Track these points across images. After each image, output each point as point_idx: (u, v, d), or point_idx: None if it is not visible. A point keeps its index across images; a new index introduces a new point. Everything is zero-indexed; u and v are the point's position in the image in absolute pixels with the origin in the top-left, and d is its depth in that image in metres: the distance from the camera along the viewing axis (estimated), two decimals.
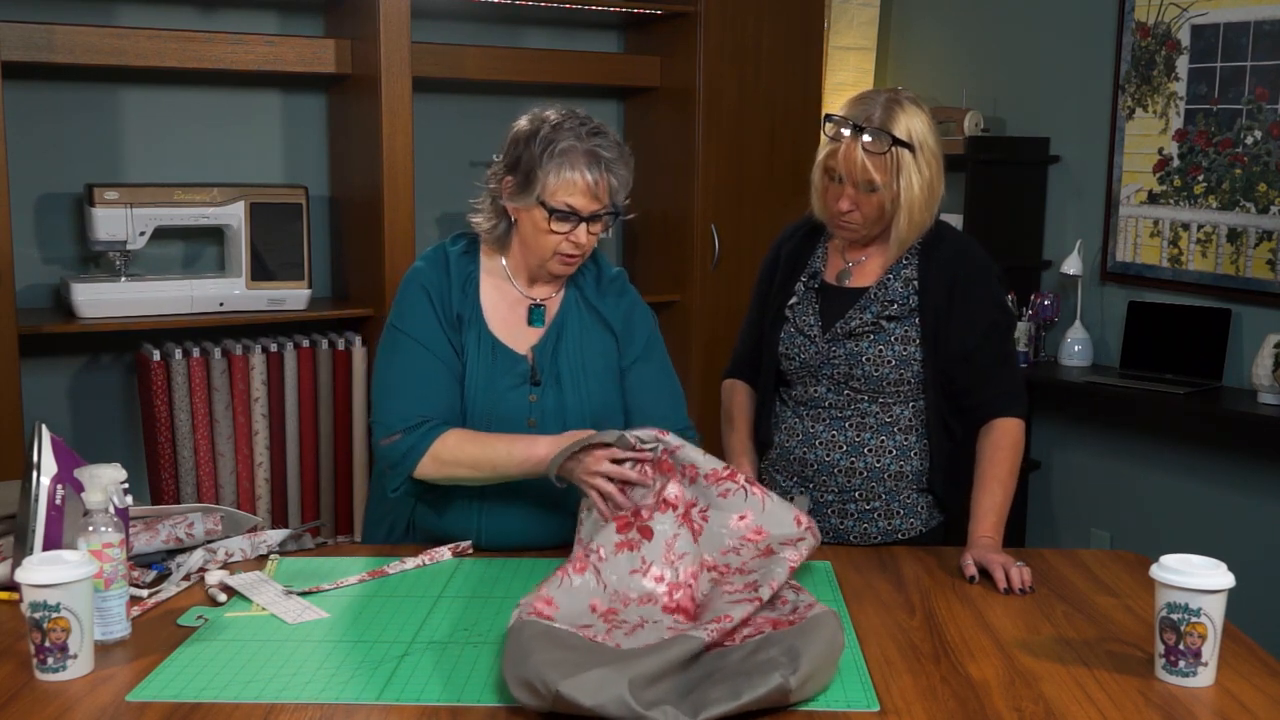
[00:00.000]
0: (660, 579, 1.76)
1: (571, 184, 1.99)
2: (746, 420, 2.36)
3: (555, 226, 2.01)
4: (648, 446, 1.86)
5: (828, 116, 2.15)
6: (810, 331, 2.23)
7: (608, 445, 1.87)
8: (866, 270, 2.24)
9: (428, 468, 2.00)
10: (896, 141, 2.09)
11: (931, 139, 2.14)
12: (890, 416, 2.21)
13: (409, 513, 2.15)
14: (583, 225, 2.02)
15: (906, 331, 2.17)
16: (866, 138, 2.08)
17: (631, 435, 1.88)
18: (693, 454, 1.87)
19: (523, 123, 2.06)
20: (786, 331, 2.27)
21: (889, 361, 2.17)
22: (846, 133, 2.10)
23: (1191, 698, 1.55)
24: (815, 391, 2.24)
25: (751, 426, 2.35)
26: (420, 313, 2.07)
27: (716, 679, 1.50)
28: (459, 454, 1.99)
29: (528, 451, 1.95)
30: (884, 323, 2.18)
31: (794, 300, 2.27)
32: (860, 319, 2.19)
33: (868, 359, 2.18)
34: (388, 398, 2.05)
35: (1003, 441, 2.16)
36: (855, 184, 2.12)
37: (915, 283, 2.19)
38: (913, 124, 2.11)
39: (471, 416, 2.07)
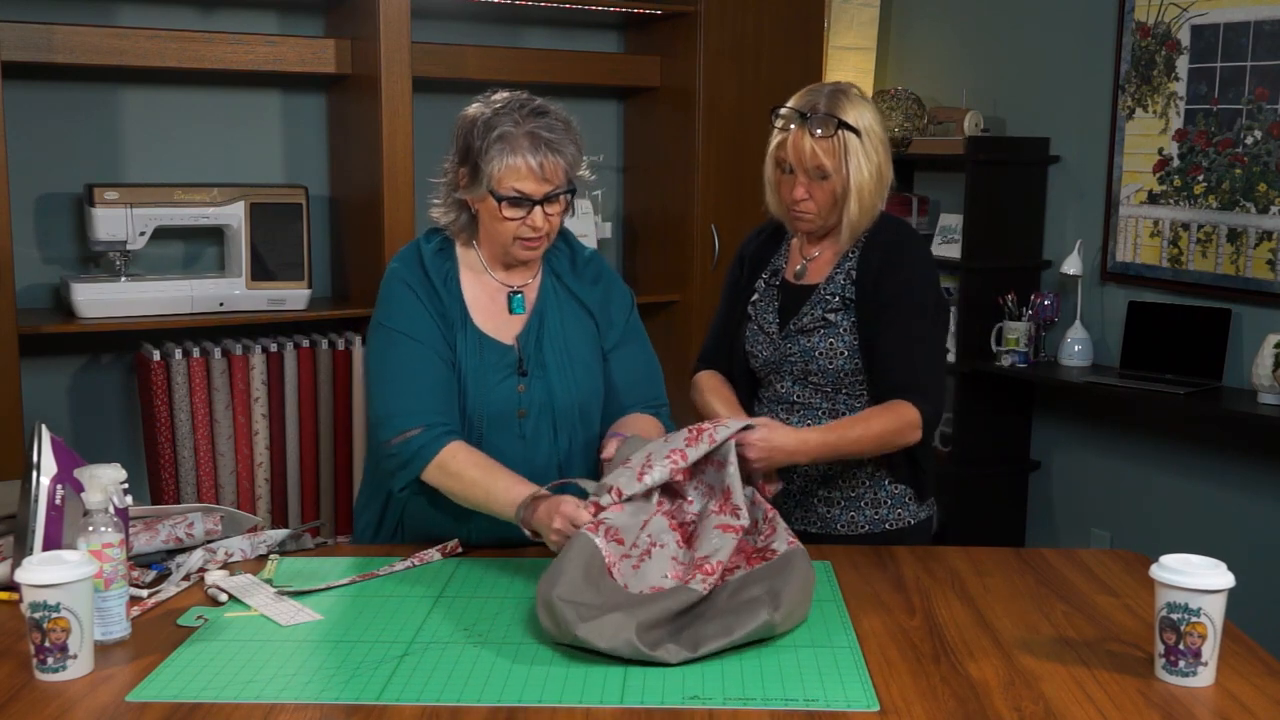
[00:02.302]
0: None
1: (516, 170, 1.99)
2: (731, 391, 2.32)
3: (508, 213, 2.02)
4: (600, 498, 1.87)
5: (774, 110, 2.19)
6: (770, 329, 2.27)
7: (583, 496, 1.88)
8: (821, 265, 2.27)
9: (433, 474, 2.00)
10: (842, 125, 2.12)
11: (878, 127, 2.18)
12: (861, 404, 2.23)
13: (400, 508, 2.15)
14: (538, 208, 2.02)
15: (853, 322, 2.20)
16: (814, 126, 2.12)
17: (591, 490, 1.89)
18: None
19: (469, 110, 2.07)
20: (750, 330, 2.30)
21: (841, 353, 2.20)
22: (793, 124, 2.14)
23: (1191, 698, 1.55)
24: (782, 388, 2.27)
25: (727, 392, 2.32)
26: (408, 308, 2.07)
27: (709, 617, 1.68)
28: (463, 469, 1.98)
29: (518, 500, 1.91)
30: (830, 316, 2.20)
31: (756, 297, 2.31)
32: (811, 315, 2.22)
33: (820, 353, 2.20)
34: (392, 396, 2.04)
35: (889, 407, 2.13)
36: (806, 171, 2.15)
37: (853, 272, 2.21)
38: (858, 111, 2.15)
39: (463, 411, 2.07)
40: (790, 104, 2.18)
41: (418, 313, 2.07)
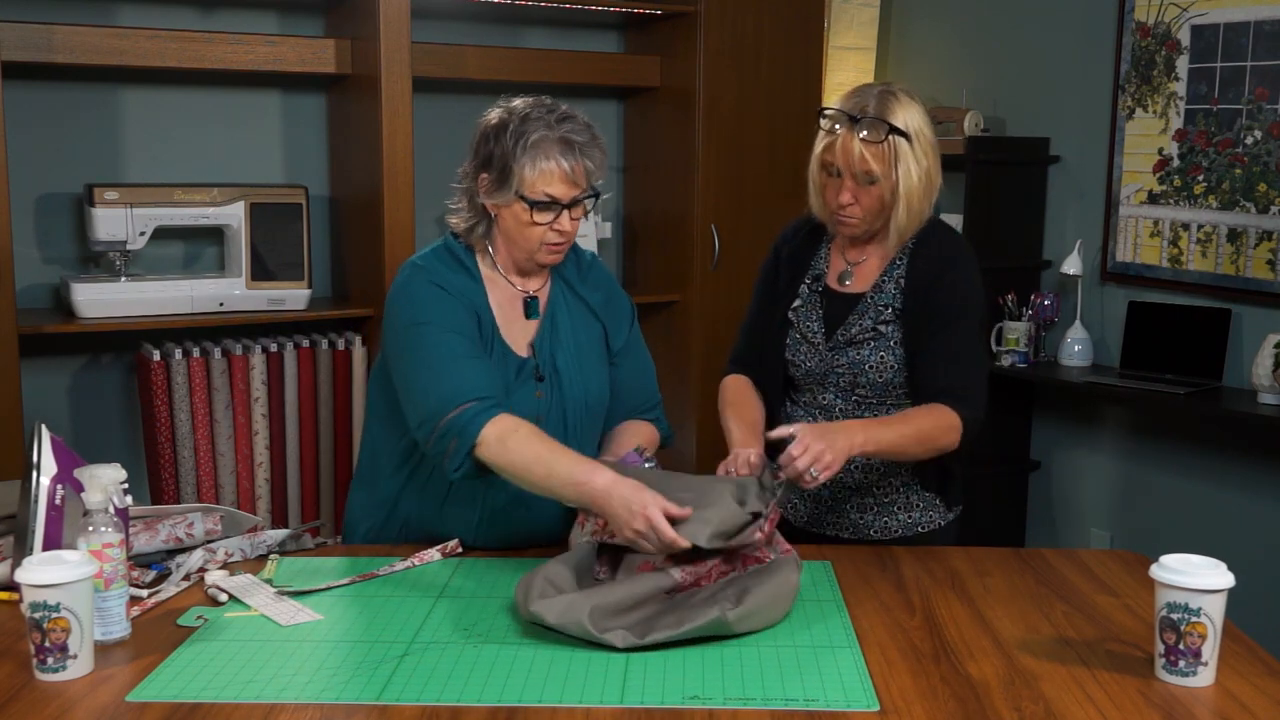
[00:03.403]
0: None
1: (549, 174, 1.98)
2: (754, 405, 2.25)
3: (538, 218, 2.00)
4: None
5: (822, 110, 2.14)
6: (814, 339, 2.22)
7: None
8: (867, 271, 2.22)
9: (490, 443, 1.90)
10: (893, 130, 2.07)
11: (928, 129, 2.13)
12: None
13: (403, 518, 2.14)
14: (565, 213, 2.01)
15: (902, 334, 2.16)
16: (863, 129, 2.07)
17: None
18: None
19: (490, 116, 2.04)
20: (792, 337, 2.24)
21: (891, 366, 2.16)
22: (841, 126, 2.09)
23: (1191, 698, 1.55)
24: (825, 399, 2.23)
25: (759, 414, 2.25)
26: (438, 303, 2.02)
27: (668, 610, 1.71)
28: (526, 444, 1.90)
29: (588, 475, 1.85)
30: (881, 328, 2.17)
31: (798, 303, 2.25)
32: (860, 325, 2.18)
33: (870, 366, 2.17)
34: (438, 382, 1.95)
35: (934, 412, 2.09)
36: (854, 176, 2.10)
37: (903, 281, 2.18)
38: (908, 114, 2.10)
39: None
40: (837, 105, 2.13)
41: (449, 306, 2.02)
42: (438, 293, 2.04)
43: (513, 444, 1.91)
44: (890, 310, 2.17)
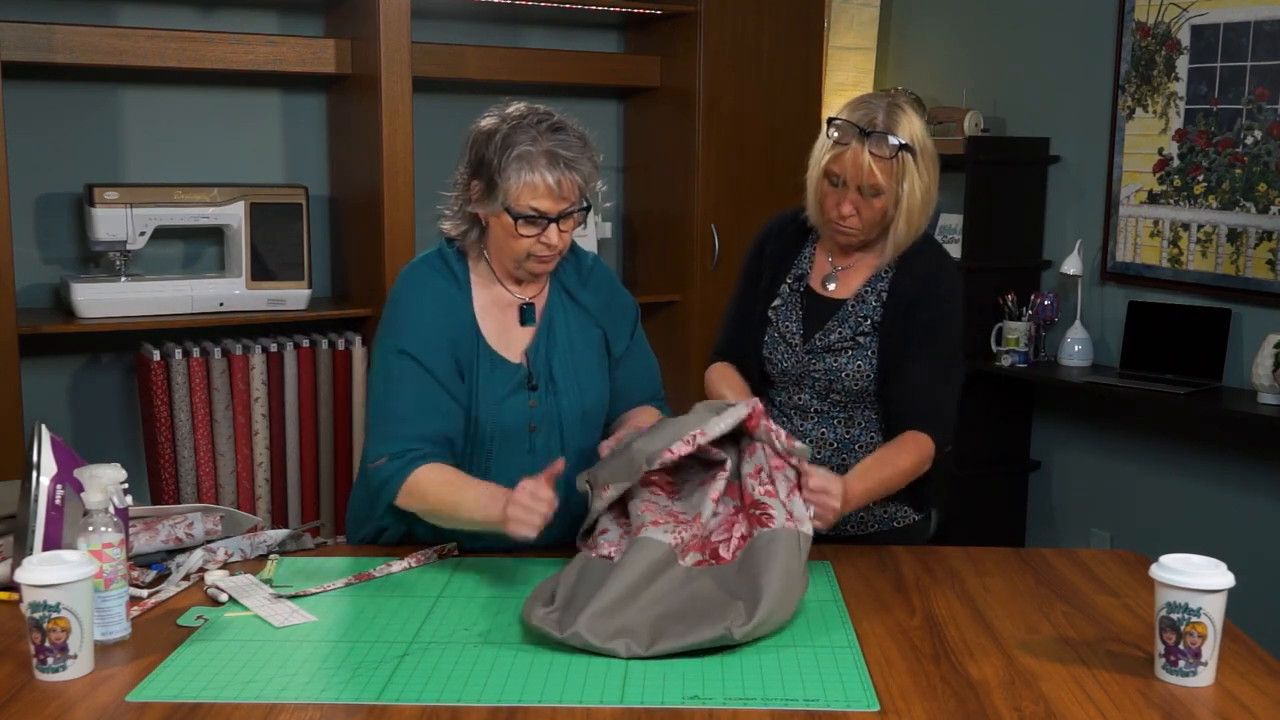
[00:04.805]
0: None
1: (534, 187, 1.94)
2: (742, 382, 2.27)
3: (524, 231, 1.98)
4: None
5: (831, 120, 2.13)
6: (792, 340, 2.23)
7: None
8: (852, 276, 2.23)
9: (404, 500, 1.98)
10: (902, 146, 2.08)
11: (929, 142, 2.14)
12: (877, 413, 2.21)
13: (404, 528, 2.13)
14: (552, 226, 1.98)
15: (879, 345, 2.17)
16: (873, 142, 2.07)
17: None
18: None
19: (483, 123, 2.02)
20: (770, 336, 2.26)
21: (867, 375, 2.17)
22: (851, 138, 2.09)
23: (1191, 698, 1.55)
24: (800, 399, 2.24)
25: (748, 389, 2.26)
26: (415, 324, 2.03)
27: (678, 615, 1.68)
28: (427, 491, 1.96)
29: (489, 505, 1.88)
30: (860, 338, 2.17)
31: (778, 303, 2.26)
32: (839, 332, 2.19)
33: (847, 374, 2.18)
34: (381, 421, 2.02)
35: (911, 441, 2.13)
36: (860, 188, 2.10)
37: (884, 294, 2.18)
38: (913, 128, 2.11)
39: (476, 428, 2.05)
40: (845, 115, 2.12)
41: (426, 325, 2.03)
42: (418, 309, 2.04)
43: (417, 492, 1.96)
44: (869, 322, 2.18)
